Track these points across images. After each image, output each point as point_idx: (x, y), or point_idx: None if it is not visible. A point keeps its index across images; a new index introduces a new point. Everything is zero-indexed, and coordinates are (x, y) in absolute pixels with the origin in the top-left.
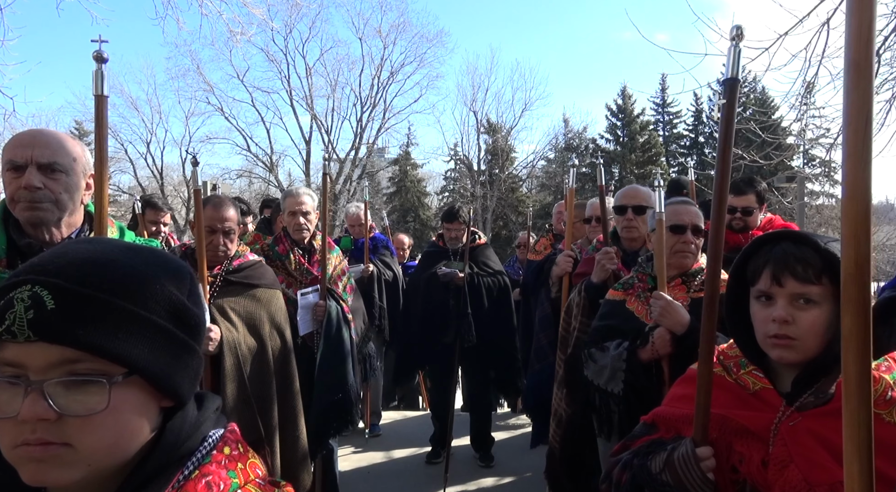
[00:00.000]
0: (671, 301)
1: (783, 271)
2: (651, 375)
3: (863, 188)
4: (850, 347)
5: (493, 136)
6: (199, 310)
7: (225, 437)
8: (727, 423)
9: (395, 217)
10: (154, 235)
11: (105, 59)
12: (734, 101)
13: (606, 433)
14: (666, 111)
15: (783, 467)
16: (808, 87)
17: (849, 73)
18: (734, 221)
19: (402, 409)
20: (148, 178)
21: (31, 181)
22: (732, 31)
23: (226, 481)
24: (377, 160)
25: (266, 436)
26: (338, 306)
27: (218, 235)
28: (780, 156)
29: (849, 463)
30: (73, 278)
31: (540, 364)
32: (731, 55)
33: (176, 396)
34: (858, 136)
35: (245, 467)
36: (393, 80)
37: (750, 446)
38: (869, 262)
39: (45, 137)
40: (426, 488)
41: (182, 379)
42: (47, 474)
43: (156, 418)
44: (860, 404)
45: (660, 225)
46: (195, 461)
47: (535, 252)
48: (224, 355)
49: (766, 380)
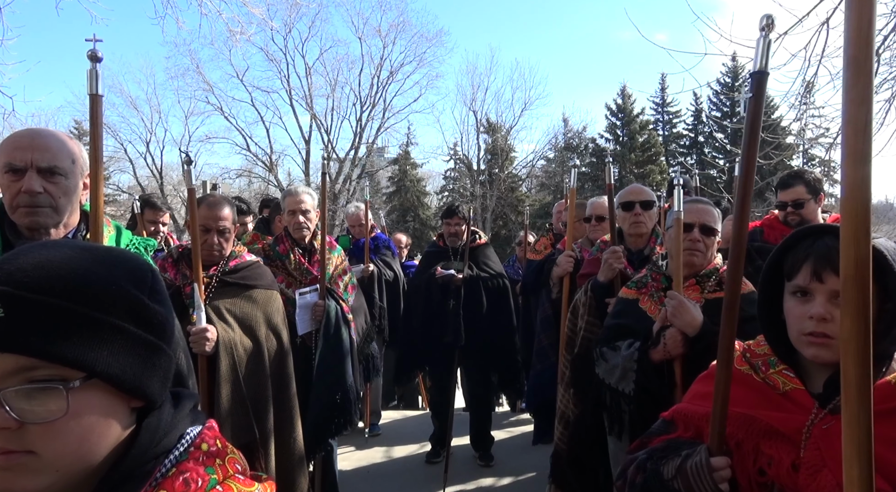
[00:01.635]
0: (684, 301)
1: (825, 267)
2: (663, 376)
3: (862, 187)
4: (850, 349)
5: (492, 135)
6: (162, 307)
7: (202, 434)
8: (754, 423)
9: (395, 217)
10: (153, 234)
11: (99, 58)
12: (762, 96)
13: (618, 432)
14: (665, 111)
15: (816, 472)
16: (808, 87)
17: (848, 70)
18: (789, 217)
19: (401, 408)
20: (147, 177)
21: (32, 186)
22: (762, 21)
23: (204, 478)
24: (377, 160)
25: (261, 438)
26: (337, 306)
27: (213, 234)
28: (780, 155)
29: (848, 466)
30: (22, 285)
31: (542, 365)
32: (761, 46)
33: (144, 396)
34: (858, 134)
35: (224, 462)
36: (392, 79)
37: (779, 449)
38: (869, 263)
39: (45, 139)
40: (426, 487)
41: (149, 379)
42: (14, 483)
43: (126, 418)
44: (860, 407)
45: (677, 224)
46: (172, 459)
47: (535, 252)
48: (220, 357)
49: (798, 380)
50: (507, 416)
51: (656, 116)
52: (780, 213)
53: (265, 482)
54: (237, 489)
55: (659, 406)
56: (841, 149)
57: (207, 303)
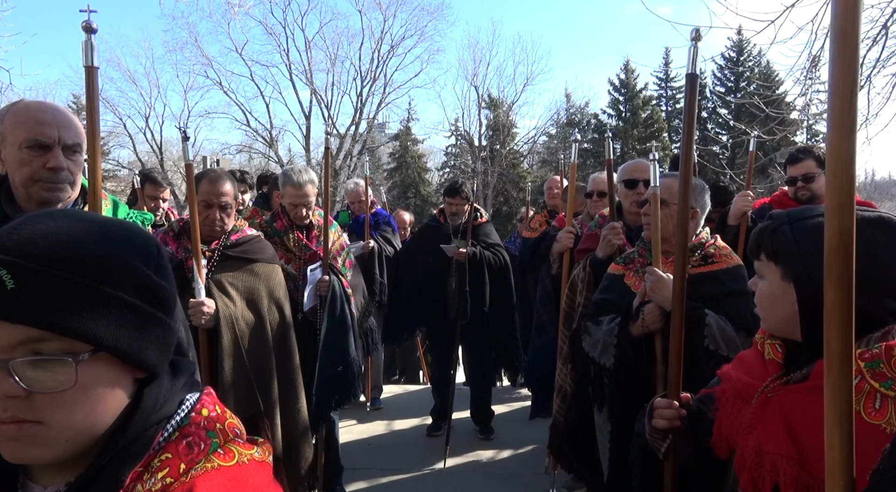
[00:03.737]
0: (662, 276)
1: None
2: (641, 350)
3: (847, 160)
4: (833, 320)
5: (494, 111)
6: (167, 283)
7: (202, 399)
8: (734, 385)
9: (396, 193)
10: (153, 210)
11: (94, 29)
12: (695, 95)
13: (599, 405)
14: (669, 86)
15: (748, 433)
16: (814, 61)
17: (835, 42)
18: (799, 192)
19: (403, 383)
20: (147, 153)
21: (60, 163)
22: (692, 34)
23: (206, 441)
24: (377, 136)
25: (266, 410)
26: (339, 281)
27: (214, 209)
28: (784, 131)
29: (830, 434)
30: (32, 257)
31: (541, 340)
32: (691, 53)
33: (148, 368)
34: (844, 107)
35: (224, 427)
36: (393, 53)
37: (738, 410)
38: (853, 235)
39: (66, 115)
40: (427, 459)
41: (153, 352)
42: (26, 453)
43: (130, 388)
44: (842, 376)
45: (654, 198)
46: (174, 424)
47: (530, 229)
48: (222, 330)
49: (779, 353)
50: (508, 390)
51: (659, 92)
52: (789, 188)
53: (263, 446)
54: (237, 452)
55: (637, 380)
56: (827, 120)
57: (209, 277)
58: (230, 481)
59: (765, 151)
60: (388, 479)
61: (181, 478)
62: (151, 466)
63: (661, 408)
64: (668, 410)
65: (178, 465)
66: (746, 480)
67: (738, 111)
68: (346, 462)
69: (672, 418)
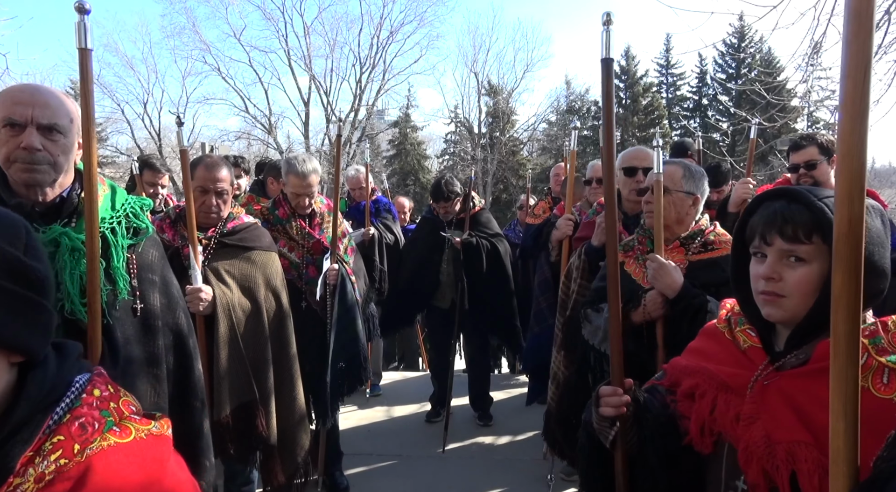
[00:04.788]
0: (664, 263)
1: (770, 230)
2: (642, 337)
3: (858, 145)
4: (840, 305)
5: (494, 98)
6: (39, 264)
7: (93, 380)
8: (713, 377)
9: (396, 180)
10: (152, 196)
11: (87, 10)
12: (611, 80)
13: None
14: (669, 73)
15: (750, 423)
16: (816, 47)
17: (849, 22)
18: (801, 179)
19: (402, 370)
20: (146, 139)
21: (32, 143)
22: (604, 17)
23: (100, 420)
24: (377, 122)
25: (261, 398)
26: (344, 269)
27: (210, 195)
28: (785, 117)
29: (835, 420)
30: None
31: (539, 327)
32: (604, 38)
33: (25, 351)
34: (857, 90)
35: (118, 405)
36: (392, 39)
37: (728, 401)
38: (862, 221)
39: (45, 95)
40: (426, 445)
41: (29, 335)
42: None
43: (7, 374)
44: (848, 362)
45: (658, 185)
46: (64, 406)
47: (534, 216)
48: (218, 318)
49: (756, 339)
50: (507, 377)
51: (660, 79)
52: (792, 175)
53: (161, 420)
54: (134, 428)
55: (637, 367)
56: (839, 104)
57: (206, 265)
58: (128, 456)
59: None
60: (387, 464)
61: (76, 458)
62: (43, 449)
63: (606, 396)
64: (613, 397)
65: (71, 446)
66: (756, 471)
67: (739, 98)
68: (346, 448)
69: (618, 406)
